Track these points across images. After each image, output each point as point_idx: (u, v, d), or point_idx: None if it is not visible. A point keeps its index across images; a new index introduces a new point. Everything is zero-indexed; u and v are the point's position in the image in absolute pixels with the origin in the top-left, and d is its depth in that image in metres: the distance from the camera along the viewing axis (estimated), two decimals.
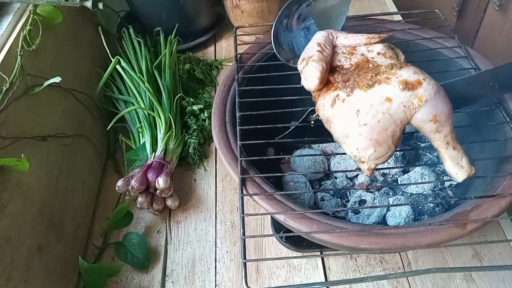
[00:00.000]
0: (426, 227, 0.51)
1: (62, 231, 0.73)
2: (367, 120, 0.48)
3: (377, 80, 0.50)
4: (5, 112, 0.63)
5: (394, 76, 0.49)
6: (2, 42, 0.69)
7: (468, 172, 0.51)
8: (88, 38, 0.97)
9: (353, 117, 0.49)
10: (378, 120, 0.48)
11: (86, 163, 0.85)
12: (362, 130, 0.49)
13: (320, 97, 0.54)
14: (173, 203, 0.82)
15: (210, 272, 0.76)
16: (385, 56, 0.56)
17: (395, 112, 0.48)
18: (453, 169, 0.51)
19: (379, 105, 0.48)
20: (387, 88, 0.48)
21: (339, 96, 0.51)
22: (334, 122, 0.52)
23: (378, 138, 0.48)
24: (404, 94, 0.48)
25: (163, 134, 0.87)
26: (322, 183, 0.76)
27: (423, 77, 0.49)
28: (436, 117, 0.48)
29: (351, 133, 0.50)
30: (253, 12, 1.12)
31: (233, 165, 0.59)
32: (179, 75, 1.04)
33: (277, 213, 0.54)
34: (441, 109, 0.48)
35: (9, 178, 0.61)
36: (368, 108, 0.48)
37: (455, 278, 0.72)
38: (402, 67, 0.50)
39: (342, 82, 0.53)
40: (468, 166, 0.51)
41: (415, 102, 0.48)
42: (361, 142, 0.49)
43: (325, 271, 0.74)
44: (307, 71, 0.54)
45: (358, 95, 0.50)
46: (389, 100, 0.48)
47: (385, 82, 0.49)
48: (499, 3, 0.76)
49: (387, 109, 0.48)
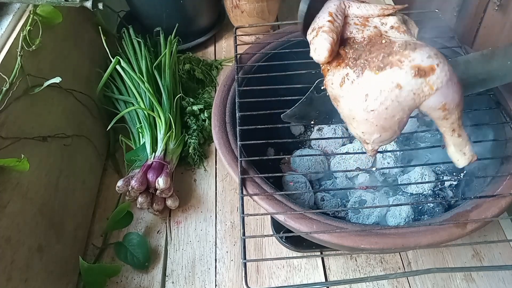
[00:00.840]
0: (426, 227, 0.51)
1: (62, 231, 0.73)
2: (375, 106, 0.47)
3: (389, 62, 0.48)
4: (5, 112, 0.63)
5: (407, 59, 0.47)
6: (2, 42, 0.69)
7: (469, 159, 0.51)
8: (88, 38, 0.97)
9: (361, 101, 0.48)
10: (386, 107, 0.47)
11: (86, 163, 0.85)
12: (369, 115, 0.48)
13: (330, 72, 0.52)
14: (173, 203, 0.82)
15: (210, 272, 0.76)
16: (399, 30, 0.53)
17: (404, 99, 0.47)
18: (455, 155, 0.51)
19: (389, 91, 0.46)
20: (399, 74, 0.46)
21: (348, 76, 0.50)
22: (342, 102, 0.51)
23: (384, 124, 0.48)
24: (415, 81, 0.46)
25: (163, 134, 0.87)
26: (322, 183, 0.76)
27: (437, 62, 0.47)
28: (445, 105, 0.47)
29: (357, 117, 0.49)
30: (253, 12, 1.12)
31: (233, 165, 0.59)
32: (179, 75, 1.04)
33: (277, 213, 0.54)
34: (451, 97, 0.47)
35: (9, 178, 0.61)
36: (377, 93, 0.47)
37: (455, 278, 0.72)
38: (417, 48, 0.48)
39: (353, 59, 0.51)
40: (471, 153, 0.51)
41: (425, 90, 0.46)
42: (367, 127, 0.49)
43: (325, 271, 0.74)
44: (317, 42, 0.52)
45: (368, 78, 0.48)
46: (399, 87, 0.46)
47: (397, 66, 0.47)
48: (499, 3, 0.75)
49: (396, 96, 0.47)
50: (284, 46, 0.76)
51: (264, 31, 1.17)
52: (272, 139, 0.61)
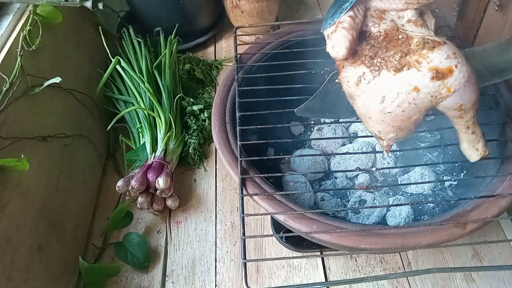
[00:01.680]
0: (426, 227, 0.51)
1: (62, 231, 0.73)
2: (392, 109, 0.47)
3: (406, 62, 0.47)
4: (5, 112, 0.63)
5: (425, 60, 0.46)
6: (2, 42, 0.69)
7: (482, 155, 0.51)
8: (88, 38, 0.97)
9: (378, 103, 0.47)
10: (403, 110, 0.47)
11: (86, 163, 0.85)
12: (385, 117, 0.48)
13: (345, 69, 0.51)
14: (173, 203, 0.82)
15: (210, 272, 0.76)
16: (416, 24, 0.52)
17: (421, 102, 0.46)
18: (468, 151, 0.51)
19: (406, 94, 0.46)
20: (416, 76, 0.46)
21: (365, 75, 0.49)
22: (358, 101, 0.50)
23: (401, 125, 0.48)
24: (433, 84, 0.45)
25: (163, 134, 0.87)
26: (322, 183, 0.76)
27: (455, 63, 0.46)
28: (461, 106, 0.47)
29: (374, 117, 0.49)
30: (253, 12, 1.12)
31: (233, 165, 0.59)
32: (179, 75, 1.04)
33: (277, 213, 0.54)
34: (468, 98, 0.47)
35: (9, 178, 0.61)
36: (394, 96, 0.46)
37: (455, 278, 0.72)
38: (435, 48, 0.47)
39: (369, 57, 0.50)
40: (483, 149, 0.51)
41: (443, 92, 0.46)
42: (383, 127, 0.49)
43: (325, 271, 0.74)
44: (335, 39, 0.51)
45: (385, 79, 0.47)
46: (417, 90, 0.46)
47: (415, 67, 0.46)
48: (499, 3, 0.75)
49: (414, 99, 0.46)
50: (284, 46, 0.76)
51: (264, 31, 1.17)
52: (272, 139, 0.62)
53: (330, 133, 0.80)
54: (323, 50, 0.57)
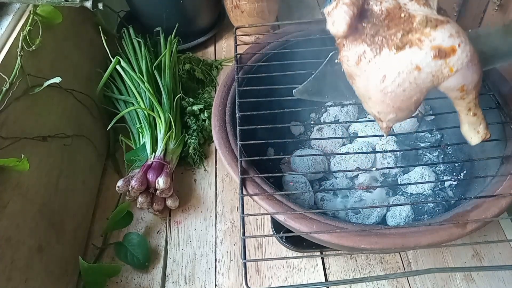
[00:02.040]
0: (426, 227, 0.51)
1: (62, 231, 0.73)
2: (392, 88, 0.46)
3: (408, 41, 0.46)
4: (5, 112, 0.63)
5: (427, 38, 0.45)
6: (2, 42, 0.69)
7: (483, 137, 0.50)
8: (88, 38, 0.97)
9: (378, 82, 0.47)
10: (404, 89, 0.46)
11: (86, 163, 0.85)
12: (385, 97, 0.47)
13: (345, 47, 0.50)
14: (173, 203, 0.82)
15: (210, 272, 0.76)
16: (419, 2, 0.51)
17: (422, 81, 0.46)
18: (469, 133, 0.51)
19: (407, 73, 0.45)
20: (418, 55, 0.45)
21: (365, 54, 0.48)
22: (358, 81, 0.50)
23: (401, 105, 0.47)
24: (435, 63, 0.45)
25: (163, 134, 0.87)
26: (322, 183, 0.76)
27: (458, 42, 0.45)
28: (463, 87, 0.46)
29: (374, 97, 0.48)
30: (253, 12, 1.12)
31: (233, 165, 0.59)
32: (179, 75, 1.04)
33: (277, 213, 0.54)
34: (470, 79, 0.46)
35: (9, 178, 0.61)
36: (395, 75, 0.46)
37: (455, 278, 0.72)
38: (438, 26, 0.45)
39: (371, 36, 0.48)
40: (484, 131, 0.50)
41: (445, 72, 0.45)
42: (383, 108, 0.48)
43: (325, 271, 0.74)
44: (336, 15, 0.49)
45: (386, 58, 0.46)
46: (418, 69, 0.45)
47: (417, 46, 0.45)
48: (499, 3, 0.75)
49: (415, 78, 0.45)
50: (284, 46, 0.76)
51: (264, 31, 1.17)
52: (272, 139, 0.61)
53: (330, 133, 0.80)
54: (323, 50, 0.57)
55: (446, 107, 0.65)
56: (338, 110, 0.82)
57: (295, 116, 0.86)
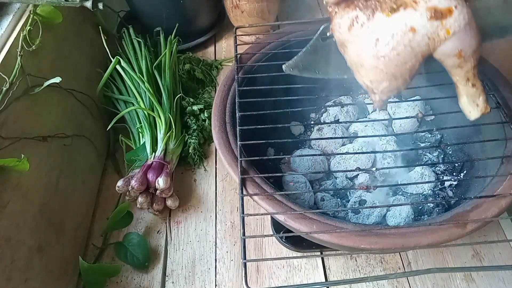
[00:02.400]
0: (426, 227, 0.51)
1: (62, 231, 0.73)
2: (385, 52, 0.44)
3: (402, 2, 0.44)
4: (5, 112, 0.63)
5: None
6: (2, 42, 0.69)
7: (482, 111, 0.48)
8: (88, 38, 0.97)
9: (371, 47, 0.45)
10: (398, 53, 0.44)
11: (86, 163, 0.85)
12: (379, 62, 0.45)
13: (337, 15, 0.48)
14: (173, 203, 0.82)
15: (210, 272, 0.76)
16: None
17: (418, 44, 0.44)
18: (468, 106, 0.49)
19: (402, 35, 0.43)
20: (413, 16, 0.43)
21: (358, 19, 0.46)
22: (350, 48, 0.47)
23: (395, 72, 0.45)
24: (431, 24, 0.43)
25: (163, 134, 0.87)
26: (322, 183, 0.76)
27: (455, 4, 0.43)
28: (461, 52, 0.44)
29: (366, 63, 0.46)
30: (253, 12, 1.12)
31: (233, 165, 0.59)
32: (179, 75, 1.04)
33: (277, 213, 0.54)
34: (468, 43, 0.44)
35: (9, 178, 0.61)
36: (389, 38, 0.44)
37: (455, 278, 0.72)
38: None
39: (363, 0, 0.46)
40: (484, 104, 0.48)
41: (441, 34, 0.43)
42: (376, 75, 0.46)
43: (325, 271, 0.74)
44: None
45: (379, 21, 0.44)
46: (413, 31, 0.43)
47: (412, 7, 0.43)
48: None
49: (410, 41, 0.43)
50: (284, 46, 0.76)
51: (264, 31, 1.17)
52: (272, 139, 0.61)
53: (330, 133, 0.80)
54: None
55: (446, 107, 0.65)
56: (338, 110, 0.82)
57: (295, 116, 0.86)
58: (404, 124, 0.79)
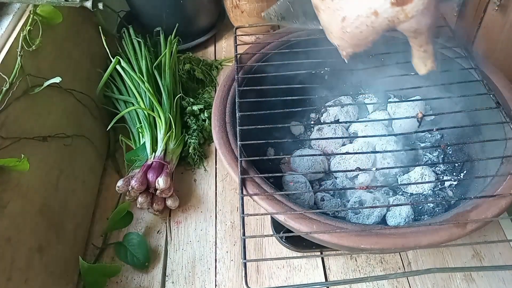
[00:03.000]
0: (426, 227, 0.51)
1: (62, 231, 0.73)
2: (350, 29, 0.50)
3: None
4: (5, 112, 0.63)
5: None
6: (2, 42, 0.69)
7: (429, 69, 0.55)
8: (88, 38, 0.97)
9: (338, 21, 0.51)
10: (361, 31, 0.50)
11: (86, 163, 0.85)
12: (344, 35, 0.51)
13: None
14: (173, 203, 0.82)
15: (210, 272, 0.76)
16: None
17: (379, 25, 0.49)
18: (418, 65, 0.56)
19: (365, 17, 0.49)
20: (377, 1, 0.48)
21: None
22: (321, 15, 0.54)
23: (358, 43, 0.52)
24: (392, 10, 0.47)
25: (163, 134, 0.87)
26: (322, 183, 0.76)
27: None
28: (416, 30, 0.49)
29: (334, 33, 0.52)
30: (253, 12, 1.12)
31: (233, 165, 0.59)
32: (179, 75, 1.04)
33: (277, 213, 0.54)
34: (423, 24, 0.49)
35: (9, 178, 0.61)
36: (354, 18, 0.49)
37: (455, 278, 0.72)
38: None
39: None
40: (431, 65, 0.55)
41: (400, 17, 0.48)
42: (341, 43, 0.53)
43: (325, 271, 0.74)
44: None
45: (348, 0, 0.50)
46: (376, 14, 0.48)
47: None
48: (499, 3, 0.75)
49: (372, 22, 0.49)
50: (284, 46, 0.76)
51: (264, 31, 1.17)
52: (272, 139, 0.61)
53: (330, 133, 0.80)
54: (323, 50, 0.57)
55: (446, 107, 0.65)
56: (338, 110, 0.82)
57: (295, 116, 0.86)
58: (404, 124, 0.79)
